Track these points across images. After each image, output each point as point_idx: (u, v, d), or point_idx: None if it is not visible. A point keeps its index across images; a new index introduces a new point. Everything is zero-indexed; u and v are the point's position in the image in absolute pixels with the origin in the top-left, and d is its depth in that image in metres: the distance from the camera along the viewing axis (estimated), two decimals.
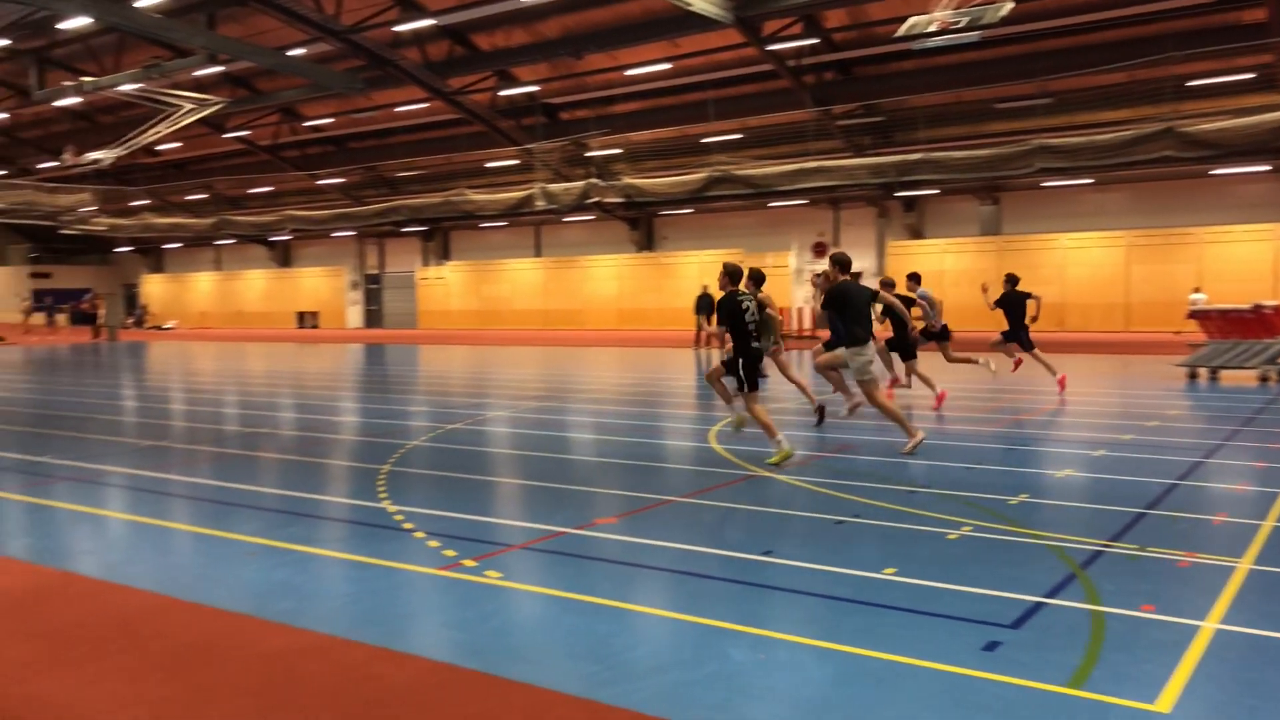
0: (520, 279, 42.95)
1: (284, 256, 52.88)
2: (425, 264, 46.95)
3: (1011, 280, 14.97)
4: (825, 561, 5.72)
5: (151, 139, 31.40)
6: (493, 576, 5.52)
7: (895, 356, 13.92)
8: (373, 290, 49.65)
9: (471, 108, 34.77)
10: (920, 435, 9.60)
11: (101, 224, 47.71)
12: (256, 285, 53.05)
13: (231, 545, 6.39)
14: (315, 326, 49.46)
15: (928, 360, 14.46)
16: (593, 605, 5.02)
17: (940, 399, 13.12)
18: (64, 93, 31.56)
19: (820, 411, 11.60)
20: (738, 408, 10.01)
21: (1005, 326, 15.01)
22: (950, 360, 14.66)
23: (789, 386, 13.88)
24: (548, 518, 6.94)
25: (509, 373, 21.64)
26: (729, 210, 37.67)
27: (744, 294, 9.41)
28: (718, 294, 10.03)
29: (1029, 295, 14.74)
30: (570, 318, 41.07)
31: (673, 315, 36.77)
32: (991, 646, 4.35)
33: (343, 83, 30.85)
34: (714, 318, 11.80)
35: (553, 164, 35.28)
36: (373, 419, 13.45)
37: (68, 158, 34.64)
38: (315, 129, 41.57)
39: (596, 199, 34.33)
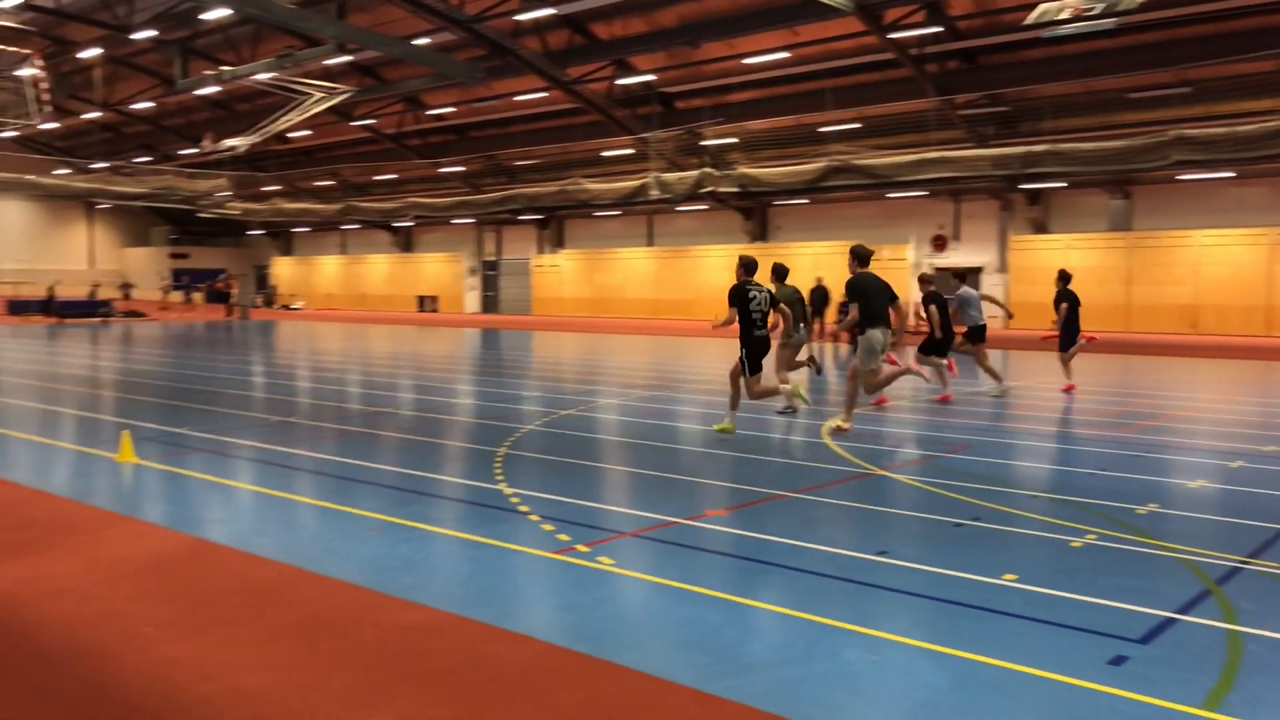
0: (632, 268, 43.17)
1: (406, 242, 54.34)
2: (540, 251, 47.62)
3: (1065, 278, 14.54)
4: (942, 564, 5.60)
5: (283, 126, 32.64)
6: (605, 563, 5.58)
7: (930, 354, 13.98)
8: (489, 276, 50.62)
9: (589, 97, 35.05)
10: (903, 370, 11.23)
11: (236, 208, 49.90)
12: (379, 269, 54.67)
13: (355, 520, 6.62)
14: (434, 310, 50.73)
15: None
16: (704, 596, 5.03)
17: (950, 365, 13.56)
18: (204, 81, 33.04)
19: (792, 410, 11.83)
20: (740, 409, 10.48)
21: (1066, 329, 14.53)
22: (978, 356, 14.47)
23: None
24: (659, 507, 6.98)
25: (620, 361, 21.81)
26: (845, 201, 37.06)
27: (754, 285, 9.98)
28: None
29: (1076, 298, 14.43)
30: (681, 307, 41.09)
31: None
32: (1118, 661, 4.19)
33: (464, 72, 31.46)
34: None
35: (667, 153, 35.30)
36: (488, 402, 13.73)
37: (206, 144, 36.29)
38: (437, 118, 42.55)
39: (710, 189, 34.22)
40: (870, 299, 10.29)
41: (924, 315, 13.59)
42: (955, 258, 35.10)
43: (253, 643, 4.37)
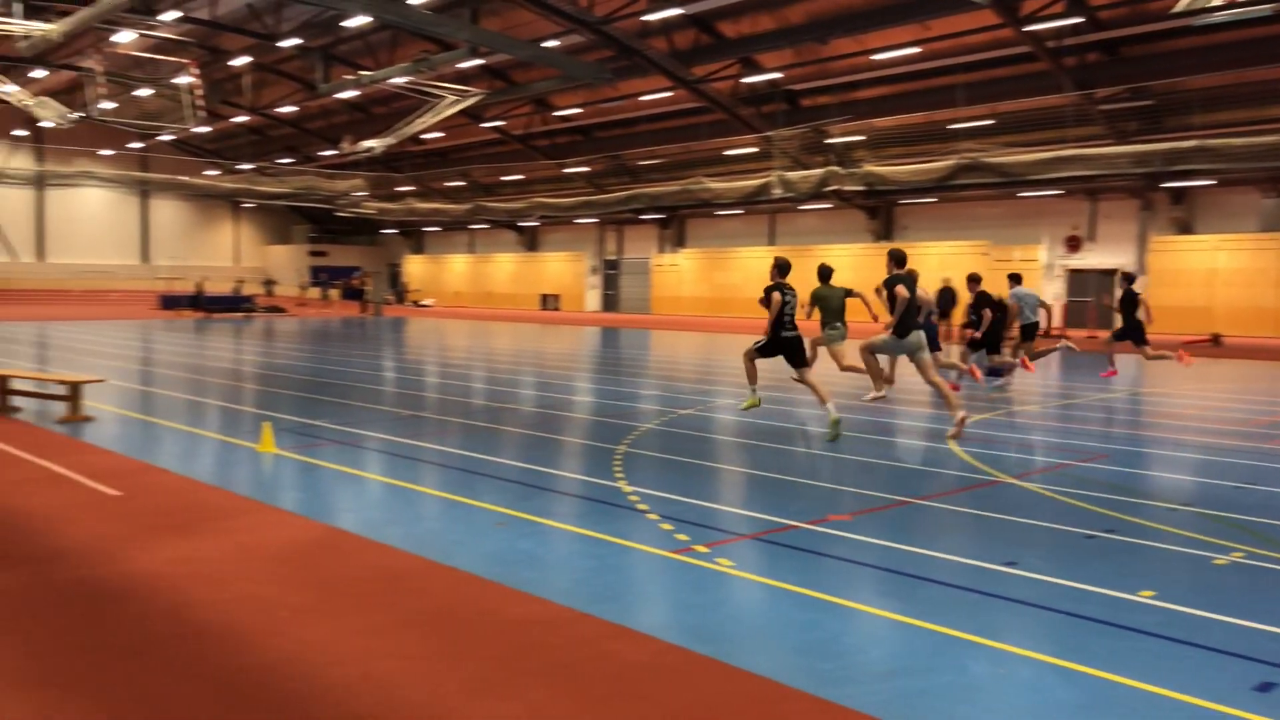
0: (753, 267, 42.87)
1: (531, 241, 55.34)
2: (661, 251, 47.82)
3: (1128, 279, 15.27)
4: (1074, 577, 5.40)
5: (418, 128, 33.59)
6: (724, 564, 5.58)
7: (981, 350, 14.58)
8: (610, 275, 51.12)
9: (713, 96, 35.01)
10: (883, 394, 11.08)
11: (371, 207, 51.72)
12: (505, 268, 55.83)
13: (479, 513, 6.79)
14: (556, 309, 51.52)
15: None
16: (825, 602, 4.98)
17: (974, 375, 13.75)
18: (344, 86, 34.35)
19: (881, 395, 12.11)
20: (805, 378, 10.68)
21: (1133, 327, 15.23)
22: (1032, 356, 15.11)
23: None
24: (779, 510, 6.93)
25: (738, 361, 21.68)
26: (975, 200, 36.04)
27: (787, 286, 10.55)
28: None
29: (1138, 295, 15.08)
30: (802, 308, 40.64)
31: None
32: (1265, 688, 3.97)
33: (592, 73, 31.85)
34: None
35: (791, 151, 34.97)
36: (608, 400, 13.88)
37: (345, 146, 37.67)
38: (564, 119, 43.18)
39: (835, 187, 33.75)
40: (907, 303, 10.54)
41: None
42: (1090, 259, 33.75)
43: (384, 630, 4.54)
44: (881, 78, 33.05)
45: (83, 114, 31.36)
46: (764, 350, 10.65)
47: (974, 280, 14.54)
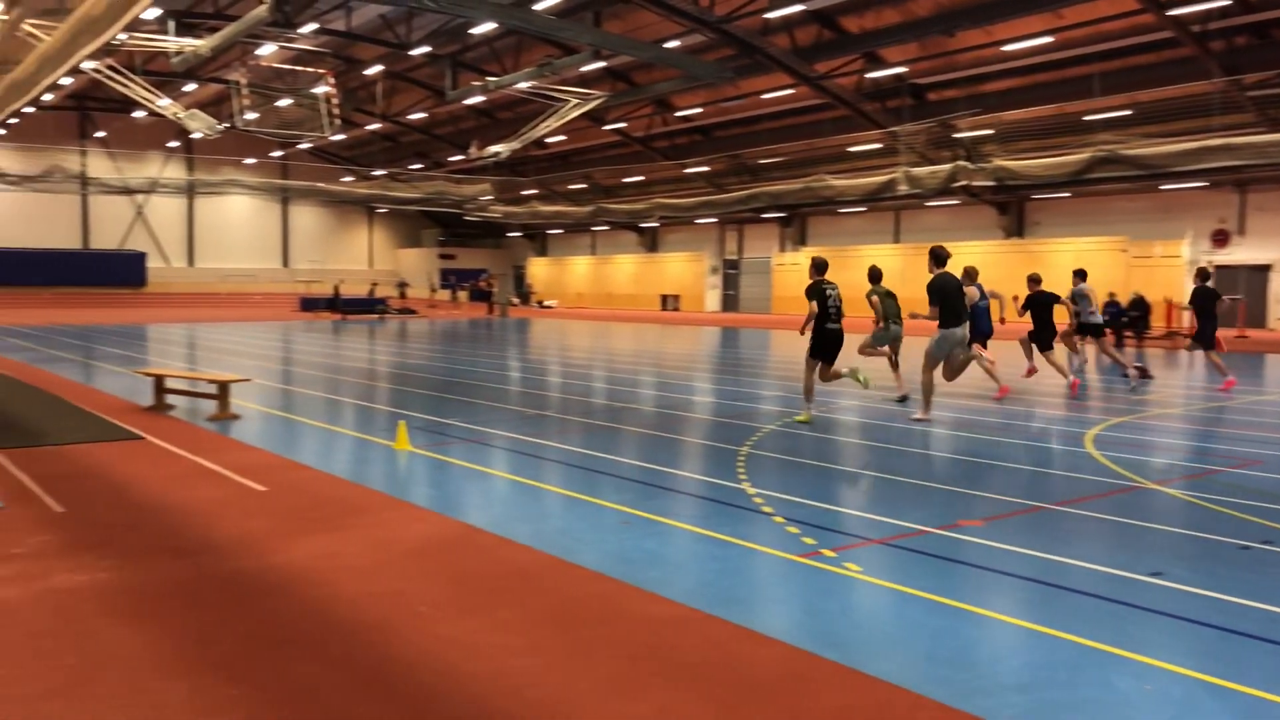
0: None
1: (651, 242, 55.68)
2: (782, 249, 47.44)
3: (1204, 275, 15.05)
4: (1227, 590, 5.13)
5: (542, 132, 34.17)
6: (852, 569, 5.51)
7: (1034, 346, 14.67)
8: (730, 275, 50.98)
9: (836, 92, 34.57)
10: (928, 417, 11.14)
11: (497, 211, 52.90)
12: (626, 269, 56.31)
13: (603, 511, 6.87)
14: (677, 309, 51.66)
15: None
16: (957, 610, 4.86)
17: (1074, 386, 13.84)
18: (471, 92, 35.24)
19: (904, 399, 12.89)
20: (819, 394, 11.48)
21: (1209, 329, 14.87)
22: (1105, 351, 15.89)
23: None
24: (907, 514, 6.80)
25: (861, 360, 21.31)
26: (1112, 194, 34.56)
27: (828, 283, 11.07)
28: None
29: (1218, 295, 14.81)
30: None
31: None
32: None
33: (713, 72, 31.82)
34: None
35: (918, 147, 34.21)
36: (729, 400, 13.85)
37: (473, 151, 38.58)
38: (685, 119, 43.27)
39: (963, 183, 32.87)
40: (950, 299, 11.28)
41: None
42: (1239, 254, 31.98)
43: (516, 626, 4.64)
44: (1011, 69, 32.06)
45: (228, 124, 32.99)
46: (815, 353, 11.03)
47: (1033, 281, 14.77)
